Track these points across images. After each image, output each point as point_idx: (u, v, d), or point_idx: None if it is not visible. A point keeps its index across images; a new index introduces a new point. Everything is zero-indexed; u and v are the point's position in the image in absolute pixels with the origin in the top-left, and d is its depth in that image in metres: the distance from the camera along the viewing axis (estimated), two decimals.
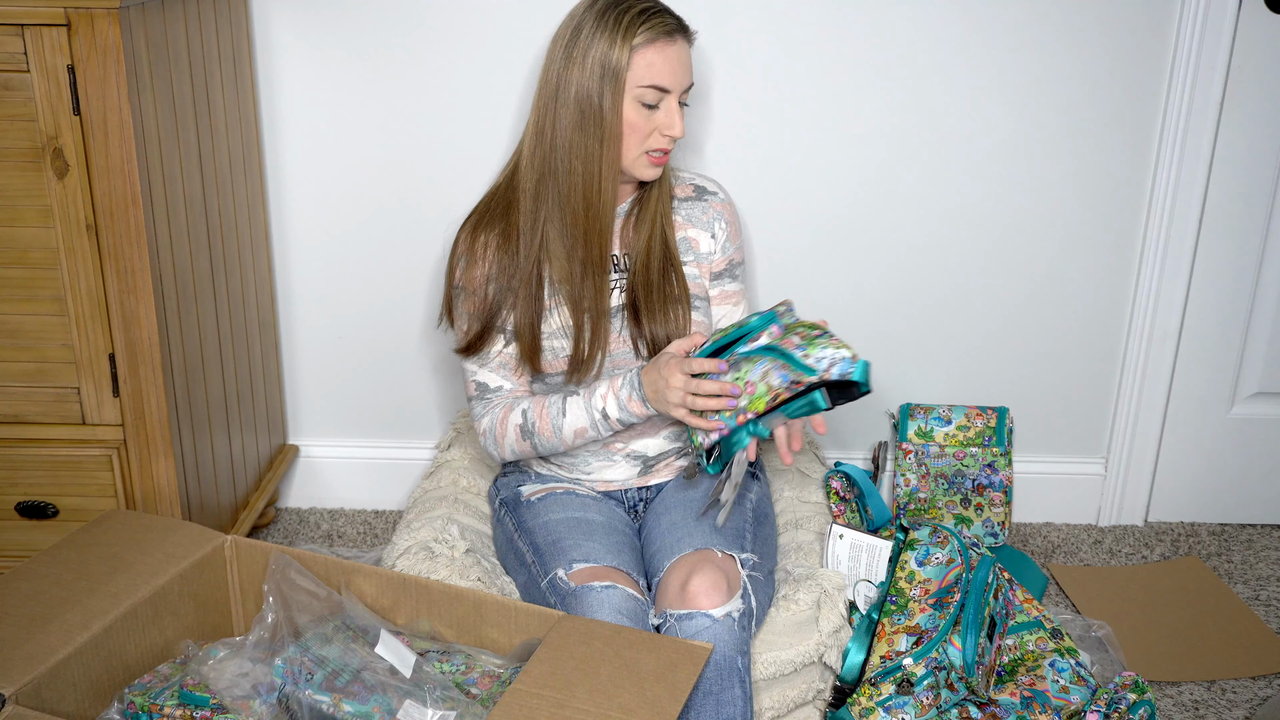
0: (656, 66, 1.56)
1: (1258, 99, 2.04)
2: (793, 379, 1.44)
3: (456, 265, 1.67)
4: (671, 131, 1.59)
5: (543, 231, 1.62)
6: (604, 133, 1.57)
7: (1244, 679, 1.87)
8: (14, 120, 1.55)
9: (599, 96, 1.56)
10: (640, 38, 1.55)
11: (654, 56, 1.56)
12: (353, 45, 2.02)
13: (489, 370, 1.69)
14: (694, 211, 1.73)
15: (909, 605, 1.64)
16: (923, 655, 1.58)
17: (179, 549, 1.49)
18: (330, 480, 2.31)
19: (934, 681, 1.57)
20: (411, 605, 1.47)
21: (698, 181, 1.76)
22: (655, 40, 1.56)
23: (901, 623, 1.62)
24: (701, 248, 1.73)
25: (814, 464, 2.01)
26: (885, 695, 1.58)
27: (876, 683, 1.59)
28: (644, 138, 1.60)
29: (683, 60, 1.59)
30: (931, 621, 1.61)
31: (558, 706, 1.21)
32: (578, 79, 1.56)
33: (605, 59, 1.55)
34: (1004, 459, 2.14)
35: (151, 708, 1.33)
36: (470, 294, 1.66)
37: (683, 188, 1.75)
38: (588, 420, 1.62)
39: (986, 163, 2.09)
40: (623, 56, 1.54)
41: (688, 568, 1.51)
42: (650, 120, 1.59)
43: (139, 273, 1.62)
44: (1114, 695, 1.62)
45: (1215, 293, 2.17)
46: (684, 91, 1.61)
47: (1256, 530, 2.31)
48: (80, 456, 1.71)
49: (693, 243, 1.72)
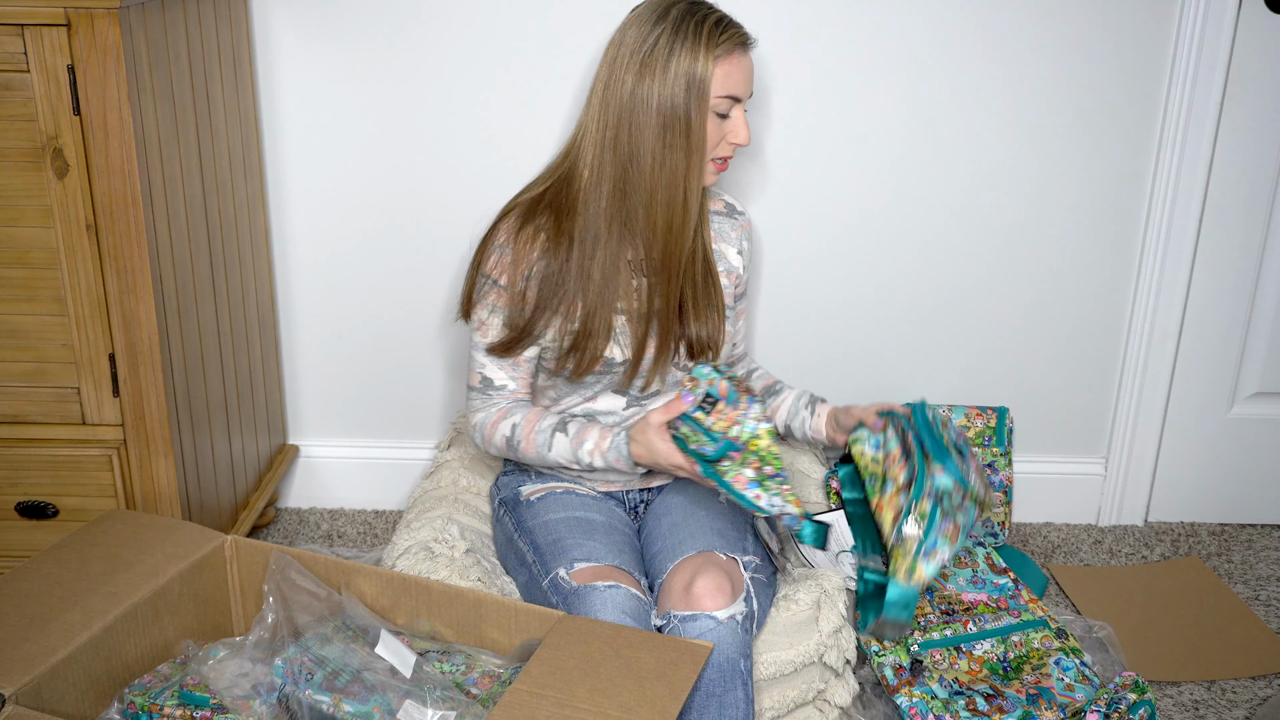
0: (733, 77, 1.58)
1: (1258, 99, 2.04)
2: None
3: (491, 254, 1.65)
4: (738, 139, 1.61)
5: (618, 242, 1.62)
6: (690, 144, 1.58)
7: (1244, 679, 1.87)
8: (14, 120, 1.55)
9: (685, 109, 1.56)
10: (721, 49, 1.56)
11: (731, 67, 1.57)
12: (353, 45, 2.02)
13: (498, 366, 1.69)
14: (724, 226, 1.77)
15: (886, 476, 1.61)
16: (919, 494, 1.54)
17: (179, 549, 1.49)
18: (330, 480, 2.31)
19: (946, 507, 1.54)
20: (411, 605, 1.47)
21: (726, 198, 1.80)
22: (733, 51, 1.58)
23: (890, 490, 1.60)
24: (730, 261, 1.76)
25: (814, 464, 2.01)
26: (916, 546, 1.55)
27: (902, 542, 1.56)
28: (714, 147, 1.61)
29: (749, 69, 1.62)
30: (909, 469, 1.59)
31: (558, 706, 1.21)
32: (659, 91, 1.56)
33: (690, 71, 1.55)
34: (1004, 459, 2.14)
35: (151, 708, 1.33)
36: (505, 288, 1.65)
37: (715, 201, 1.77)
38: (570, 460, 1.64)
39: (986, 163, 2.09)
40: (708, 68, 1.55)
41: (691, 569, 1.51)
42: (720, 129, 1.60)
43: (139, 273, 1.62)
44: (1114, 695, 1.62)
45: (1215, 293, 2.17)
46: (749, 99, 1.64)
47: (1256, 530, 2.31)
48: (80, 456, 1.71)
49: (724, 254, 1.76)
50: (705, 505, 1.66)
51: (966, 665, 1.68)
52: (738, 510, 1.67)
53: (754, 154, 2.07)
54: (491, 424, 1.69)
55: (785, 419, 1.85)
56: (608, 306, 1.62)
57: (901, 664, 1.65)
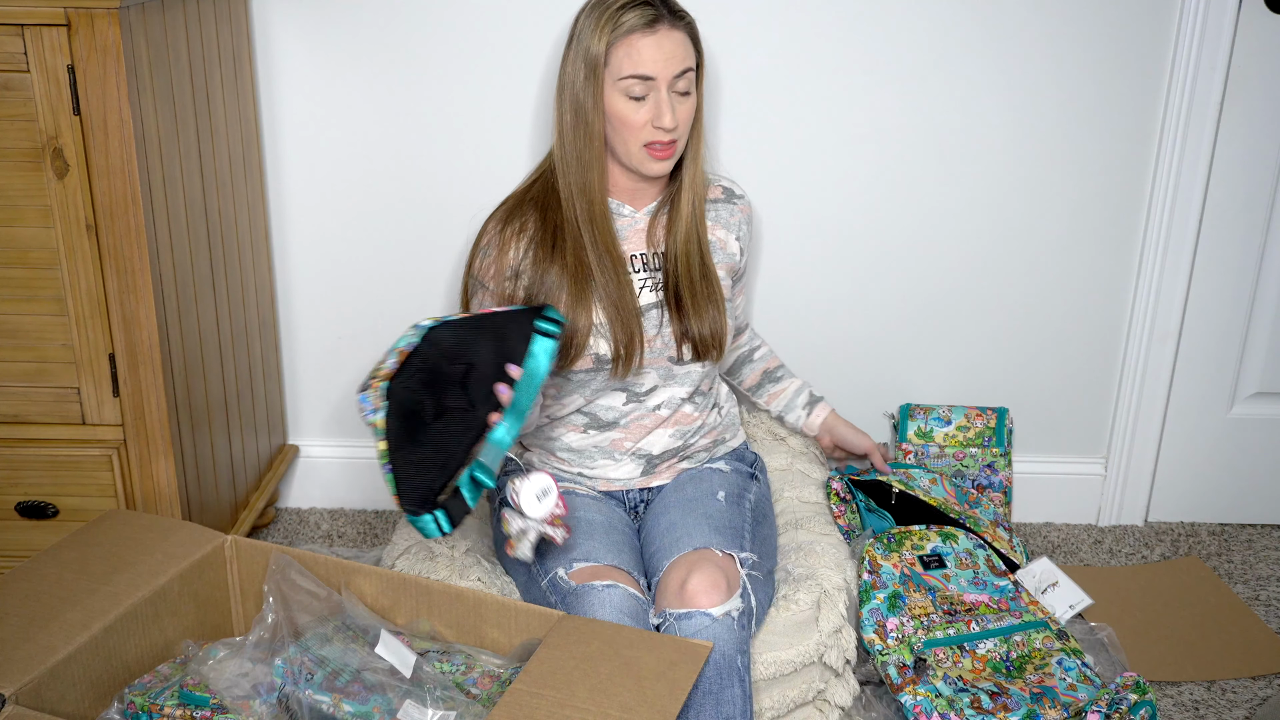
0: (634, 56, 1.55)
1: (1258, 99, 2.04)
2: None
3: (477, 255, 1.68)
4: (661, 122, 1.58)
5: (576, 230, 1.63)
6: (589, 129, 1.58)
7: (1244, 679, 1.87)
8: (14, 120, 1.55)
9: (583, 92, 1.57)
10: (619, 30, 1.54)
11: (632, 47, 1.55)
12: (353, 45, 2.02)
13: None
14: (723, 213, 1.76)
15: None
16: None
17: (179, 549, 1.49)
18: (330, 480, 2.31)
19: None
20: (411, 605, 1.47)
21: (724, 183, 1.79)
22: (634, 30, 1.55)
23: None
24: (729, 249, 1.75)
25: (814, 465, 2.01)
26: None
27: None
28: (638, 131, 1.59)
29: (665, 48, 1.56)
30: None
31: (558, 706, 1.21)
32: (570, 77, 1.58)
33: (587, 53, 1.56)
34: (1004, 459, 2.14)
35: (151, 708, 1.33)
36: (492, 290, 1.67)
37: (713, 189, 1.76)
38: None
39: (986, 163, 2.09)
40: (600, 49, 1.55)
41: (687, 567, 1.51)
42: (640, 112, 1.58)
43: (139, 273, 1.62)
44: (1115, 695, 1.62)
45: (1215, 293, 2.17)
46: (675, 79, 1.58)
47: (1256, 530, 2.31)
48: (80, 456, 1.71)
49: (721, 244, 1.75)
50: (703, 504, 1.65)
51: (970, 664, 1.68)
52: (735, 508, 1.67)
53: (753, 154, 2.07)
54: None
55: (780, 409, 1.90)
56: (586, 302, 1.62)
57: (905, 663, 1.65)
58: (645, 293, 1.68)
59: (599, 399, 1.71)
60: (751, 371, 2.00)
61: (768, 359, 2.00)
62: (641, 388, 1.71)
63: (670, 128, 1.58)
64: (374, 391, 1.37)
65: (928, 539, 1.84)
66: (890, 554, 1.80)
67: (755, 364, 2.00)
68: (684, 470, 1.76)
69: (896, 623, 1.70)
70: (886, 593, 1.73)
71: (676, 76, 1.58)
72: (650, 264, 1.70)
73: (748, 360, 2.00)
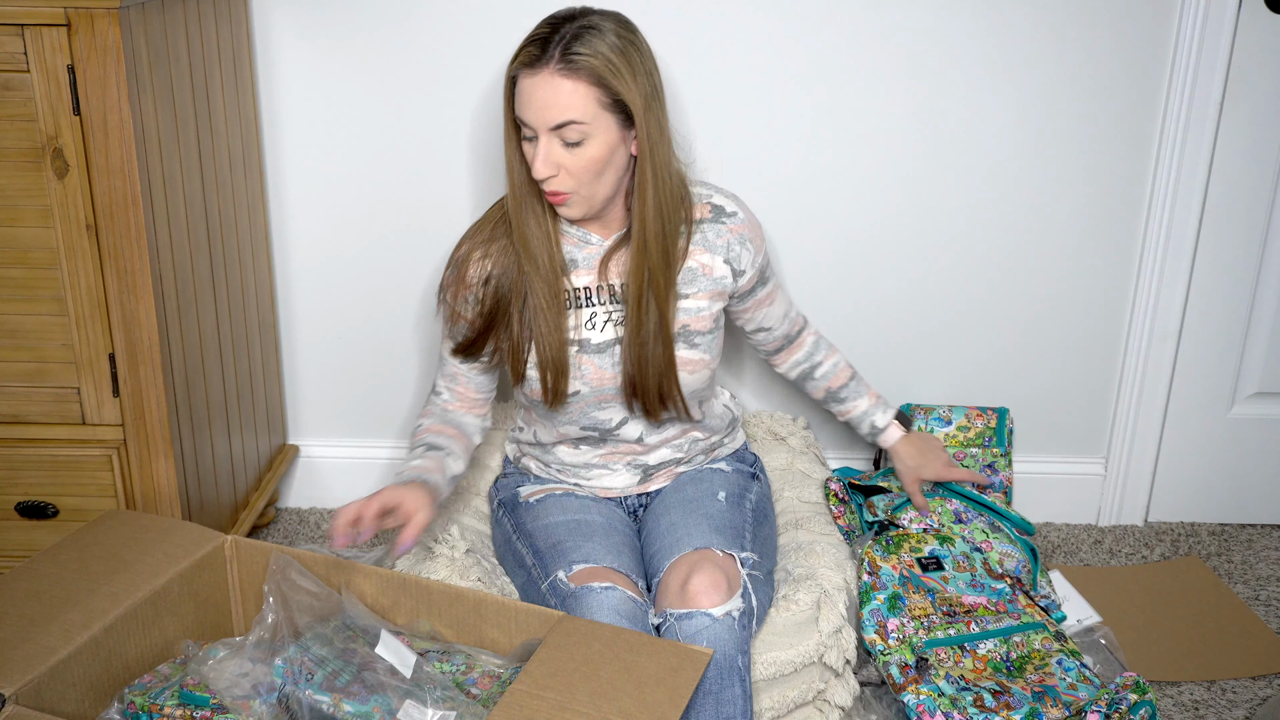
0: (519, 97, 1.48)
1: (1258, 99, 2.04)
2: None
3: (445, 270, 1.65)
4: (534, 172, 1.47)
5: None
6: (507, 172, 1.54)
7: (1244, 679, 1.87)
8: (14, 120, 1.55)
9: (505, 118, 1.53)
10: (513, 64, 1.48)
11: (519, 86, 1.47)
12: (353, 45, 2.02)
13: (442, 375, 1.72)
14: (709, 235, 1.62)
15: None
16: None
17: (179, 549, 1.49)
18: (330, 480, 2.31)
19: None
20: (411, 605, 1.47)
21: (715, 200, 1.65)
22: (520, 69, 1.46)
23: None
24: (714, 273, 1.63)
25: (814, 464, 2.01)
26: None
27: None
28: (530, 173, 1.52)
29: (540, 95, 1.43)
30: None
31: (558, 709, 1.21)
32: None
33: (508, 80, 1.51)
34: (1004, 459, 2.14)
35: (151, 708, 1.33)
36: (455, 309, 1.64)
37: (700, 208, 1.63)
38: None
39: (985, 163, 2.09)
40: (507, 80, 1.50)
41: (687, 567, 1.51)
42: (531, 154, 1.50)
43: (139, 273, 1.62)
44: (1115, 695, 1.62)
45: (1215, 293, 2.17)
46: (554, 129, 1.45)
47: (1256, 530, 2.31)
48: (80, 456, 1.71)
49: (705, 269, 1.62)
50: (703, 504, 1.65)
51: (971, 664, 1.68)
52: (736, 508, 1.67)
53: (752, 154, 2.07)
54: (417, 428, 1.71)
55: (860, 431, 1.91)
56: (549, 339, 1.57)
57: (908, 662, 1.65)
58: (608, 327, 1.60)
59: (587, 421, 1.68)
60: (815, 389, 1.90)
61: (831, 376, 1.87)
62: (610, 424, 1.67)
63: (542, 178, 1.48)
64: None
65: (925, 541, 1.84)
66: (889, 556, 1.80)
67: (818, 382, 1.88)
68: (682, 472, 1.76)
69: (897, 623, 1.70)
70: (886, 594, 1.73)
71: (554, 128, 1.45)
72: (616, 295, 1.61)
73: (809, 378, 1.89)
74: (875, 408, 1.89)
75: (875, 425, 1.88)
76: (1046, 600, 1.86)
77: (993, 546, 1.85)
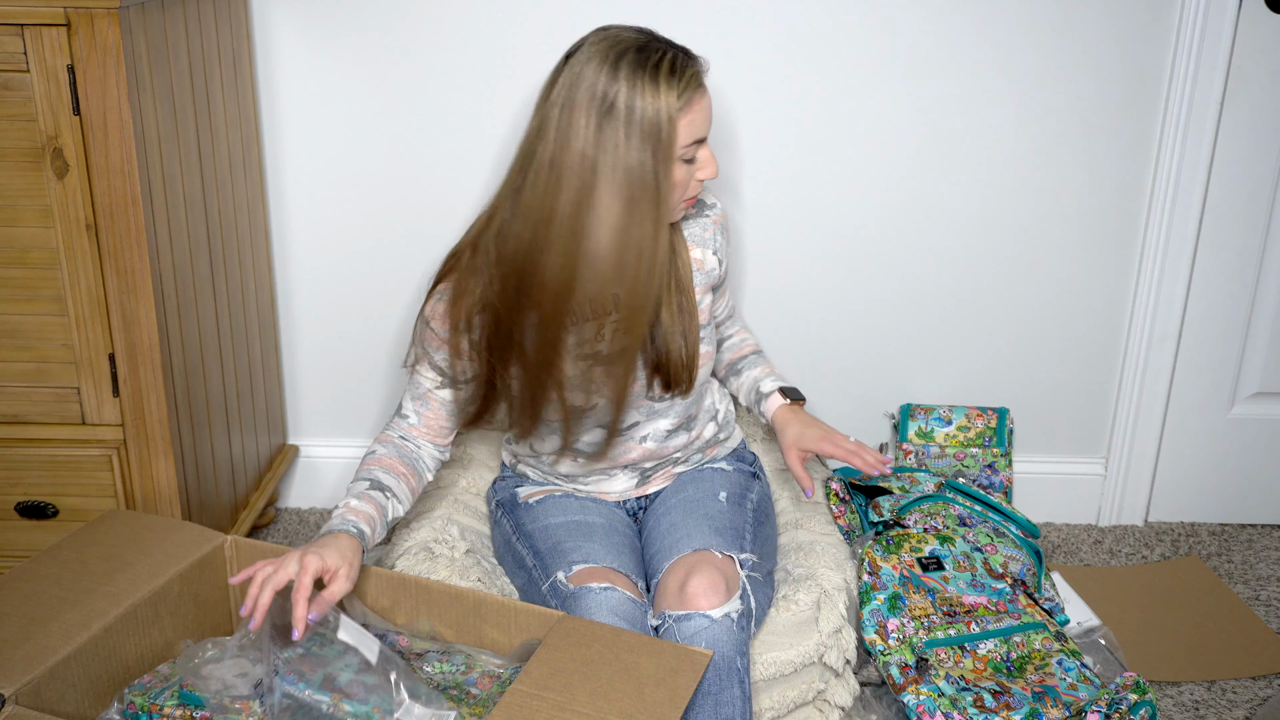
0: (696, 123, 1.46)
1: (1258, 99, 2.04)
2: None
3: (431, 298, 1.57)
4: (707, 174, 1.50)
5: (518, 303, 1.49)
6: (659, 211, 1.45)
7: (1244, 679, 1.87)
8: (14, 120, 1.55)
9: (652, 173, 1.43)
10: (682, 99, 1.43)
11: (693, 114, 1.46)
12: (353, 45, 2.02)
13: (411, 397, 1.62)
14: (695, 229, 1.64)
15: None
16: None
17: (179, 549, 1.49)
18: (330, 480, 2.31)
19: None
20: (411, 605, 1.47)
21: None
22: (694, 97, 1.45)
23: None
24: (706, 266, 1.65)
25: (814, 465, 2.01)
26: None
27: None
28: (684, 190, 1.50)
29: (710, 102, 1.50)
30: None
31: (558, 709, 1.21)
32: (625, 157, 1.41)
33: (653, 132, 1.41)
34: (1004, 460, 2.14)
35: (151, 708, 1.33)
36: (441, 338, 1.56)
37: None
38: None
39: (986, 163, 2.09)
40: (672, 129, 1.43)
41: (686, 568, 1.51)
42: (689, 172, 1.50)
43: (139, 273, 1.62)
44: (1115, 696, 1.62)
45: (1215, 293, 2.17)
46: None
47: (1256, 530, 2.31)
48: (80, 456, 1.71)
49: (699, 264, 1.64)
50: (704, 505, 1.65)
51: (971, 664, 1.68)
52: (737, 509, 1.67)
53: (751, 154, 2.07)
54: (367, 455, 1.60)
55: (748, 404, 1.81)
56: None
57: (908, 662, 1.65)
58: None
59: (582, 436, 1.64)
60: (718, 364, 1.85)
61: (736, 349, 1.84)
62: (623, 423, 1.64)
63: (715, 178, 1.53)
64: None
65: (926, 541, 1.84)
66: (889, 556, 1.80)
67: (722, 354, 1.85)
68: (682, 473, 1.75)
69: (897, 623, 1.70)
70: (886, 594, 1.73)
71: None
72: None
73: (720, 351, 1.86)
74: (766, 376, 1.80)
75: (760, 391, 1.78)
76: (1051, 604, 1.85)
77: (997, 550, 1.85)
